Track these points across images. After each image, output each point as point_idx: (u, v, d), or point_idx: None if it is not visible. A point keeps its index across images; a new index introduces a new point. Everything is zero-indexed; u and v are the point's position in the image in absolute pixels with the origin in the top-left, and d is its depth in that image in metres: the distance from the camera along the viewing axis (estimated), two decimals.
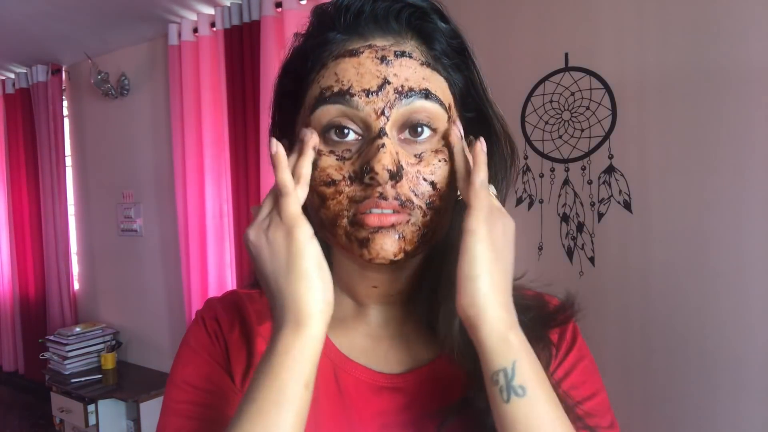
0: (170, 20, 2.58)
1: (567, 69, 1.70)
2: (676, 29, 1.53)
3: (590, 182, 1.68)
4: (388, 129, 0.46)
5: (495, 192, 0.51)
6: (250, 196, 2.35)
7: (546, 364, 0.52)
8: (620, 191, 1.63)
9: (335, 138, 0.47)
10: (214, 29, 2.46)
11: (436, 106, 0.47)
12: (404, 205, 0.46)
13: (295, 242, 0.44)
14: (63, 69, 3.26)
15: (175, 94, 2.61)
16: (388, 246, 0.46)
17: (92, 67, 2.89)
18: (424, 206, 0.47)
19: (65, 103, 3.31)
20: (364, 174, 0.45)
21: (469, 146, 0.54)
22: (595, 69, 1.65)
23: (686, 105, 1.53)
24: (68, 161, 3.33)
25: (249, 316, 0.57)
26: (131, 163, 3.02)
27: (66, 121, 3.30)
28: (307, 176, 0.47)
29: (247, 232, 0.46)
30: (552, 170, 1.75)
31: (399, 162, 0.46)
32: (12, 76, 3.47)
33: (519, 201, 1.80)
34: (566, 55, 1.70)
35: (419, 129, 0.47)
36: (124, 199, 3.07)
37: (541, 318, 0.54)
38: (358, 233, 0.46)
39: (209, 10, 2.48)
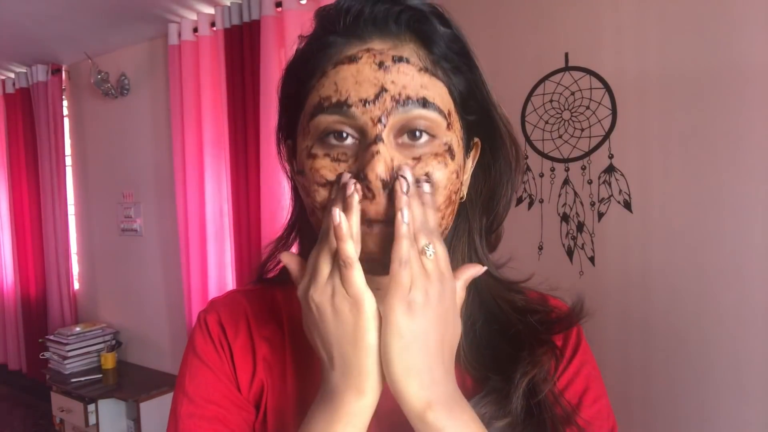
0: (170, 20, 2.58)
1: (567, 69, 1.70)
2: (676, 29, 1.53)
3: (590, 182, 1.68)
4: (384, 135, 0.45)
5: (432, 252, 0.45)
6: (250, 195, 2.35)
7: (549, 369, 0.52)
8: (620, 191, 1.63)
9: (333, 142, 0.47)
10: (214, 29, 2.46)
11: (434, 114, 0.47)
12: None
13: (363, 317, 0.44)
14: (63, 69, 3.26)
15: (175, 94, 2.61)
16: (378, 240, 0.46)
17: (92, 67, 2.89)
18: None
19: (65, 103, 3.31)
20: (358, 180, 0.45)
21: (468, 148, 0.53)
22: (595, 69, 1.65)
23: (686, 105, 1.53)
24: (68, 161, 3.32)
25: (252, 319, 0.58)
26: (131, 163, 3.02)
27: (66, 121, 3.30)
28: (357, 235, 0.45)
29: (310, 292, 0.45)
30: (552, 170, 1.75)
31: (393, 169, 0.45)
32: (12, 75, 3.47)
33: (519, 201, 1.80)
34: (566, 55, 1.70)
35: (417, 134, 0.47)
36: (124, 199, 3.07)
37: (547, 322, 0.54)
38: None
39: (209, 10, 2.48)
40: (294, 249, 0.60)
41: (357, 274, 0.44)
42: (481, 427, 0.46)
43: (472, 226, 0.55)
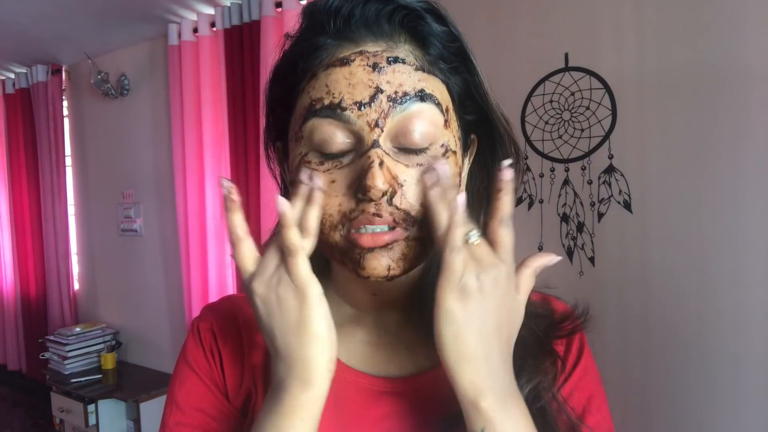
0: (170, 20, 2.58)
1: (567, 69, 1.70)
2: (675, 29, 1.53)
3: (590, 182, 1.68)
4: (381, 141, 0.44)
5: (477, 237, 0.45)
6: (250, 195, 2.35)
7: (553, 378, 0.51)
8: (620, 191, 1.63)
9: (327, 149, 0.45)
10: (214, 29, 2.46)
11: (432, 107, 0.45)
12: (399, 224, 0.45)
13: (307, 304, 0.43)
14: (63, 69, 3.26)
15: (175, 94, 2.61)
16: (384, 264, 0.45)
17: (92, 67, 2.89)
18: (421, 220, 0.45)
19: (65, 103, 3.31)
20: (356, 189, 0.44)
21: (466, 146, 0.53)
22: (595, 69, 1.65)
23: (686, 105, 1.53)
24: (68, 161, 3.32)
25: (244, 325, 0.57)
26: (131, 163, 3.02)
27: (66, 121, 3.30)
28: (314, 228, 0.45)
29: (253, 285, 0.45)
30: (552, 170, 1.75)
31: (392, 176, 0.44)
32: (12, 76, 3.47)
33: (519, 201, 1.80)
34: (566, 55, 1.70)
35: (414, 137, 0.45)
36: (124, 199, 3.07)
37: (550, 327, 0.53)
38: (351, 251, 0.45)
39: (209, 10, 2.48)
40: None
41: (301, 262, 0.43)
42: (531, 424, 0.45)
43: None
